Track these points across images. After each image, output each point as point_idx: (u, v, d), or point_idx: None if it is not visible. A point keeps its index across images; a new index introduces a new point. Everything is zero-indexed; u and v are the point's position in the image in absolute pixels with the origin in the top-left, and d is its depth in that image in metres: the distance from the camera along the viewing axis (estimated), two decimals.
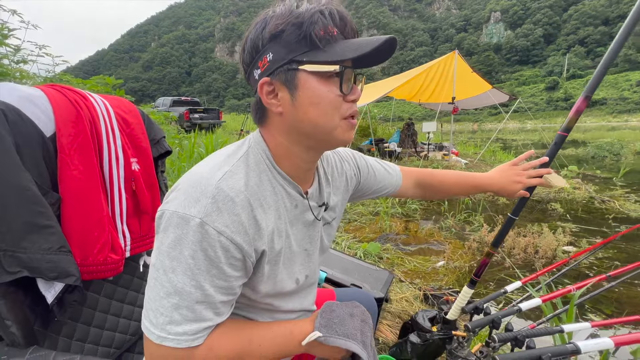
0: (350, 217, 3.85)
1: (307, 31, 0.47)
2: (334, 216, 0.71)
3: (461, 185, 0.93)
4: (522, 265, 2.62)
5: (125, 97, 3.85)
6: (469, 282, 1.06)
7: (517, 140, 13.97)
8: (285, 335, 0.54)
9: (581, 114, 0.83)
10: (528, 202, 0.94)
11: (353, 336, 0.53)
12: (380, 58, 0.53)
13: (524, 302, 1.11)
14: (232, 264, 0.48)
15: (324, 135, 0.53)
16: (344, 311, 0.57)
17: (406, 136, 8.06)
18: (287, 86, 0.50)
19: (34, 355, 0.53)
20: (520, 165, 0.89)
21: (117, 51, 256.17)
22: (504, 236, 0.98)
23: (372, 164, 0.83)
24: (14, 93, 0.61)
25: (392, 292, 2.05)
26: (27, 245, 0.57)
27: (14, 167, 0.57)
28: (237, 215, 0.48)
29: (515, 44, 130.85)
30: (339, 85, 0.50)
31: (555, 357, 0.83)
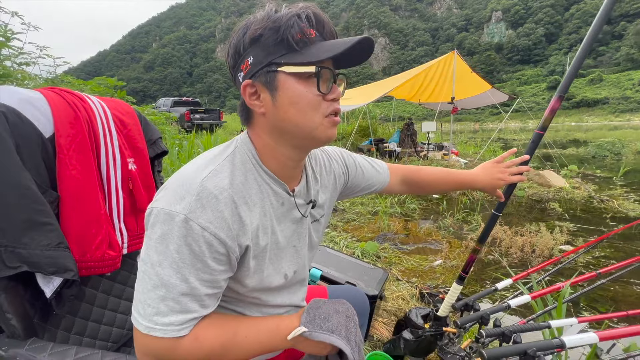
0: (349, 217, 3.87)
1: (284, 35, 0.49)
2: (322, 213, 0.73)
3: (445, 181, 0.96)
4: (519, 265, 2.63)
5: (127, 98, 3.90)
6: (458, 279, 1.08)
7: (518, 139, 13.96)
8: (272, 329, 0.56)
9: (555, 112, 0.88)
10: (527, 202, 0.99)
11: (337, 332, 0.55)
12: (359, 58, 0.55)
13: (514, 299, 1.13)
14: (216, 259, 0.50)
15: (306, 133, 0.55)
16: (329, 308, 0.59)
17: (406, 136, 8.07)
18: (268, 87, 0.53)
19: (32, 347, 0.56)
20: (503, 163, 0.93)
21: (119, 52, 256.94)
22: (489, 232, 1.01)
23: (360, 162, 0.85)
24: (14, 96, 0.63)
25: (388, 291, 2.07)
26: (27, 242, 0.59)
27: (14, 166, 0.59)
28: (220, 212, 0.50)
29: (517, 43, 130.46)
30: (316, 85, 0.52)
31: (541, 351, 0.85)
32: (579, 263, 2.60)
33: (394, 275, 2.37)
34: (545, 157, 8.50)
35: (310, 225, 0.69)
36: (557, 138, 18.83)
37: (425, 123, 7.54)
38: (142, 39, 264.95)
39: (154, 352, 0.49)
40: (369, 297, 1.36)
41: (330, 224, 3.52)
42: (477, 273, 2.52)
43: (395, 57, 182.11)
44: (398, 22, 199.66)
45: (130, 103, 4.11)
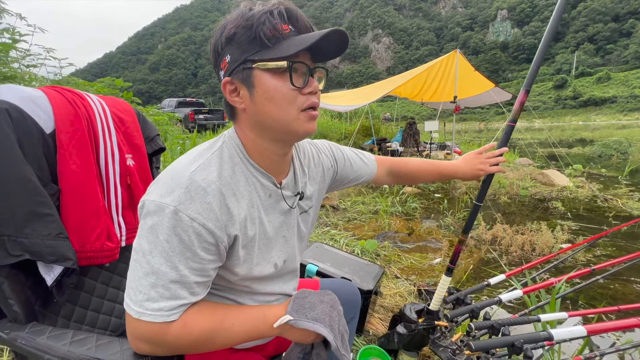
0: (350, 216, 3.89)
1: (256, 32, 0.51)
2: (310, 205, 0.75)
3: (429, 172, 1.01)
4: (519, 263, 2.63)
5: (133, 99, 3.94)
6: (446, 270, 1.10)
7: (523, 139, 13.84)
8: (259, 317, 0.58)
9: (524, 105, 0.95)
10: (530, 201, 1.02)
11: (321, 320, 0.57)
12: (335, 51, 0.57)
13: (506, 293, 1.14)
14: (205, 248, 0.53)
15: (283, 127, 0.56)
16: (315, 298, 0.62)
17: (408, 135, 8.05)
18: (245, 84, 0.55)
19: (32, 330, 0.59)
20: (484, 154, 0.98)
21: (125, 53, 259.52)
22: (472, 223, 1.05)
23: (349, 155, 0.88)
24: (16, 94, 0.67)
25: (386, 288, 2.08)
26: (28, 232, 0.63)
27: (17, 160, 0.63)
28: (208, 203, 0.52)
29: (523, 42, 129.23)
30: (289, 80, 0.54)
31: (528, 343, 0.86)
32: (579, 261, 2.58)
33: (392, 273, 2.38)
34: (550, 156, 8.43)
35: (298, 217, 0.72)
36: (563, 137, 18.62)
37: (428, 122, 7.50)
38: (148, 41, 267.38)
39: (145, 336, 0.51)
40: (364, 292, 1.38)
41: (330, 223, 3.54)
42: (475, 271, 2.52)
43: (399, 56, 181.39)
44: (402, 22, 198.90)
45: (135, 104, 4.17)
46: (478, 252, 2.85)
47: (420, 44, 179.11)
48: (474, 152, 1.00)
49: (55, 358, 0.53)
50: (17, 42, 2.72)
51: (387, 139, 8.86)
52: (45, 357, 0.54)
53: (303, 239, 0.76)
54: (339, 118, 12.41)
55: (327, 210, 3.98)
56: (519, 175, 5.70)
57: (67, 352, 0.54)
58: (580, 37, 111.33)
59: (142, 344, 0.52)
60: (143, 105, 4.76)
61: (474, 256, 2.78)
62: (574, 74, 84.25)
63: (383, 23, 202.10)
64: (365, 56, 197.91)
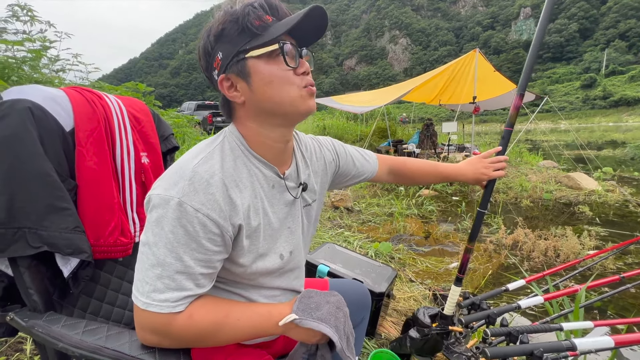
0: (364, 218, 3.85)
1: (243, 23, 0.53)
2: (314, 197, 0.75)
3: (431, 174, 1.00)
4: (541, 269, 2.51)
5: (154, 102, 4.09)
6: (455, 280, 1.06)
7: (548, 141, 13.26)
8: (264, 314, 0.58)
9: (519, 108, 0.94)
10: (555, 205, 0.98)
11: (327, 320, 0.56)
12: (316, 32, 0.59)
13: (525, 300, 1.09)
14: (210, 239, 0.53)
15: (286, 108, 0.58)
16: (321, 298, 0.61)
17: (425, 137, 7.89)
18: (242, 76, 0.56)
19: (49, 319, 0.61)
20: (488, 159, 0.96)
21: (148, 59, 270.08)
22: (478, 230, 1.01)
23: (351, 151, 0.89)
24: (39, 93, 0.70)
25: (400, 291, 2.04)
26: (47, 225, 0.65)
27: (38, 156, 0.66)
28: (212, 194, 0.53)
29: (548, 40, 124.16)
30: (284, 62, 0.56)
31: (549, 352, 0.82)
32: (608, 269, 2.44)
33: (407, 276, 2.33)
34: (577, 159, 8.03)
35: (302, 209, 0.72)
36: (592, 139, 17.69)
37: (446, 123, 7.33)
38: (169, 46, 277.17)
39: (151, 326, 0.52)
40: (376, 295, 1.36)
41: (344, 224, 3.51)
42: (494, 277, 2.43)
43: (417, 57, 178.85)
44: (420, 22, 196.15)
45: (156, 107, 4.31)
46: (497, 257, 2.75)
47: (438, 44, 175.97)
48: (479, 155, 0.98)
49: (68, 346, 0.55)
50: (48, 49, 2.88)
51: (403, 141, 8.74)
52: (59, 344, 0.56)
53: (307, 233, 0.77)
54: (355, 120, 12.36)
55: (341, 212, 3.96)
56: (542, 178, 5.47)
57: (79, 340, 0.56)
58: (611, 34, 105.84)
59: (149, 335, 0.53)
60: (164, 108, 4.92)
61: (492, 261, 2.68)
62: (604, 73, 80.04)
63: (400, 24, 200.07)
64: (382, 58, 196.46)
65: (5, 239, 0.62)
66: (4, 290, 0.67)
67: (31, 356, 1.02)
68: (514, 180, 5.49)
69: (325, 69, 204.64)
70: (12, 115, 0.64)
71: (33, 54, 2.77)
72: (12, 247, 0.63)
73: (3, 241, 0.62)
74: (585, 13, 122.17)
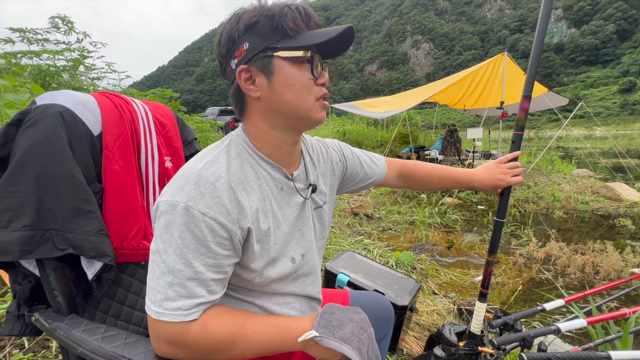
0: (384, 226, 3.76)
1: (279, 22, 0.53)
2: (324, 200, 0.74)
3: (443, 178, 0.96)
4: (578, 287, 2.32)
5: (179, 107, 4.25)
6: (480, 296, 0.98)
7: (582, 148, 12.49)
8: (282, 328, 0.55)
9: (528, 111, 0.89)
10: (591, 217, 0.90)
11: (349, 341, 0.52)
12: (342, 48, 0.60)
13: (565, 322, 0.99)
14: (219, 243, 0.52)
15: (301, 114, 0.58)
16: (343, 315, 0.57)
17: (449, 143, 7.66)
18: (264, 72, 0.56)
19: (70, 322, 0.61)
20: (505, 164, 0.91)
21: (175, 66, 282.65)
22: (498, 241, 0.94)
23: (358, 153, 0.88)
24: (70, 98, 0.72)
25: (423, 304, 1.95)
26: (73, 227, 0.66)
27: (67, 160, 0.67)
28: (218, 197, 0.52)
29: (581, 42, 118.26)
30: (309, 70, 0.57)
31: None
32: None
33: (429, 288, 2.23)
34: (616, 168, 7.49)
35: (313, 212, 0.71)
36: (632, 147, 16.49)
37: (471, 129, 7.08)
38: (196, 54, 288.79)
39: (165, 337, 0.51)
40: (398, 308, 1.30)
41: (364, 232, 3.45)
42: (525, 293, 2.27)
43: (439, 62, 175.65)
44: (443, 27, 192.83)
45: (182, 113, 4.47)
46: (528, 272, 2.58)
47: (462, 48, 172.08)
48: (495, 161, 0.93)
49: (87, 351, 0.54)
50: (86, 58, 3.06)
51: (425, 147, 8.53)
52: (78, 349, 0.56)
53: (321, 236, 0.74)
54: (375, 125, 12.24)
55: (360, 218, 3.89)
56: (577, 188, 5.13)
57: (97, 347, 0.55)
58: None
59: (164, 345, 0.51)
60: (189, 113, 5.10)
61: (523, 276, 2.52)
62: None
63: (423, 29, 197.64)
64: (403, 63, 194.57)
65: (33, 240, 0.63)
66: (31, 290, 0.69)
67: (56, 354, 1.04)
68: (544, 189, 5.19)
69: (345, 74, 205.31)
70: (44, 119, 0.66)
71: (72, 62, 2.95)
72: (40, 249, 0.64)
73: (32, 242, 0.63)
74: (623, 14, 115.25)
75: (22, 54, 2.89)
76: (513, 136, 0.93)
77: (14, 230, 0.62)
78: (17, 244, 0.61)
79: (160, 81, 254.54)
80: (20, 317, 0.70)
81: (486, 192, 0.99)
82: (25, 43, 2.96)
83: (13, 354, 1.03)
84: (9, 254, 0.61)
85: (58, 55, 2.91)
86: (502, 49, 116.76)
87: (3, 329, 0.70)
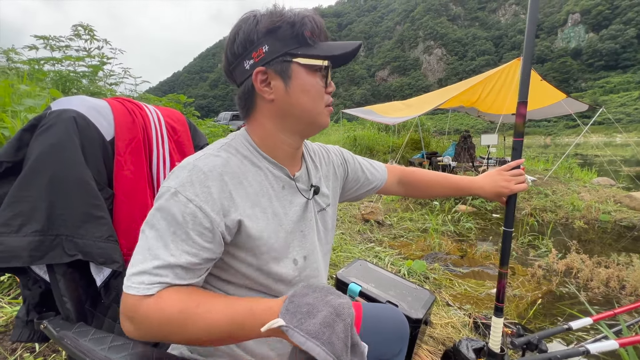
0: (396, 233, 3.69)
1: (300, 30, 0.56)
2: (327, 202, 0.75)
3: (443, 186, 0.96)
4: (602, 302, 2.21)
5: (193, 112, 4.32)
6: (495, 311, 0.94)
7: (601, 155, 12.04)
8: (243, 310, 0.47)
9: (525, 117, 0.89)
10: (614, 228, 0.87)
11: (318, 335, 0.42)
12: (348, 60, 0.63)
13: (595, 343, 0.93)
14: (199, 232, 0.52)
15: (311, 118, 0.62)
16: (318, 298, 0.46)
17: (462, 149, 7.50)
18: (281, 76, 0.58)
19: (78, 330, 0.60)
20: (508, 172, 0.91)
21: (190, 72, 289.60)
22: (508, 252, 0.92)
23: (358, 158, 0.91)
24: (84, 103, 0.72)
25: (436, 317, 1.89)
26: (83, 233, 0.65)
27: (79, 165, 0.67)
28: (207, 187, 0.53)
29: (600, 47, 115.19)
30: (321, 78, 0.61)
31: None
32: None
33: (443, 299, 2.16)
34: (638, 176, 7.18)
35: (316, 214, 0.71)
36: None
37: (485, 135, 6.92)
38: (210, 60, 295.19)
39: (124, 310, 0.49)
40: (413, 321, 1.24)
41: (375, 239, 3.39)
42: (545, 307, 2.17)
43: (452, 67, 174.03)
44: (456, 32, 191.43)
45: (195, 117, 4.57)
46: (547, 284, 2.47)
47: (476, 54, 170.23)
48: (498, 169, 0.93)
49: None
50: (105, 65, 3.15)
51: (437, 153, 8.40)
52: (85, 359, 0.54)
53: (325, 241, 0.74)
54: (386, 131, 12.16)
55: (371, 225, 3.83)
56: (598, 197, 4.93)
57: (104, 357, 0.53)
58: None
59: (125, 321, 0.50)
60: (202, 118, 5.18)
61: (542, 288, 2.41)
62: None
63: (435, 34, 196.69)
64: (415, 68, 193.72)
65: (43, 245, 0.63)
66: (41, 296, 0.68)
67: (66, 358, 1.04)
68: (563, 198, 5.01)
69: (356, 80, 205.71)
70: (58, 124, 0.66)
71: (91, 68, 3.04)
72: (50, 254, 0.64)
73: (42, 248, 0.63)
74: None
75: (45, 61, 3.00)
76: (513, 143, 0.93)
77: (25, 235, 0.62)
78: (26, 249, 0.61)
79: (175, 86, 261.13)
80: (29, 322, 0.69)
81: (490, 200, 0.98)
82: (48, 50, 3.08)
83: (24, 357, 1.03)
84: (19, 259, 0.60)
85: (78, 62, 3.01)
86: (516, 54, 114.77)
87: (12, 334, 0.70)
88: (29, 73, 2.94)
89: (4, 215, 0.61)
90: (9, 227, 0.61)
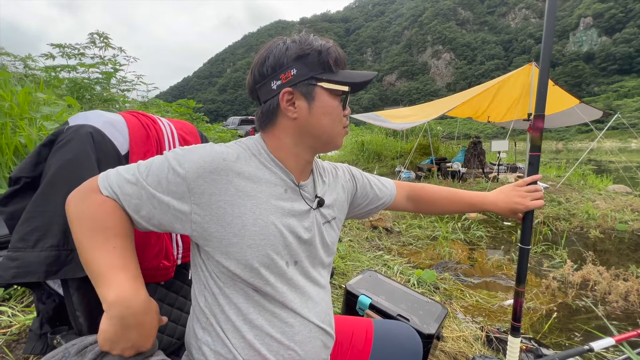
0: (405, 240, 3.65)
1: (325, 58, 0.63)
2: (333, 215, 0.76)
3: (454, 202, 0.95)
4: (622, 317, 2.13)
5: (202, 117, 4.36)
6: (511, 330, 0.91)
7: (616, 162, 11.73)
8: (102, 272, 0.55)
9: (542, 131, 0.88)
10: (632, 238, 0.84)
11: None
12: (364, 87, 0.69)
13: None
14: (170, 180, 0.57)
15: (329, 138, 0.67)
16: None
17: (472, 155, 7.41)
18: (306, 97, 0.64)
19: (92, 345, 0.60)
20: (523, 187, 0.89)
21: (199, 77, 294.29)
22: (525, 270, 0.90)
23: (366, 175, 0.92)
24: (100, 118, 0.73)
25: (447, 329, 1.84)
26: None
27: None
28: (204, 162, 0.58)
29: (613, 51, 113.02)
30: (340, 102, 0.66)
31: None
32: None
33: (454, 310, 2.11)
34: None
35: (321, 226, 0.72)
36: None
37: (496, 141, 6.82)
38: (219, 66, 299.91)
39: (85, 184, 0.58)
40: (425, 336, 1.21)
41: (383, 246, 3.35)
42: (561, 321, 2.10)
43: (461, 72, 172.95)
44: (465, 36, 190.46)
45: (204, 122, 4.62)
46: (563, 297, 2.40)
47: (485, 58, 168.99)
48: (512, 184, 0.91)
49: None
50: (118, 72, 3.22)
51: (447, 159, 8.31)
52: None
53: (327, 251, 0.74)
54: (394, 136, 12.10)
55: (379, 232, 3.79)
56: (614, 206, 4.79)
57: None
58: None
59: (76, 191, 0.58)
60: (210, 123, 5.25)
61: (557, 301, 2.34)
62: None
63: (444, 39, 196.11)
64: (423, 73, 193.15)
65: (59, 260, 0.63)
66: (54, 310, 0.69)
67: None
68: (577, 206, 4.89)
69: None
70: (75, 139, 0.67)
71: (105, 75, 3.11)
72: (65, 269, 0.64)
73: (57, 263, 0.63)
74: None
75: (60, 68, 3.08)
76: (529, 158, 0.90)
77: (41, 250, 0.62)
78: (43, 264, 0.61)
79: (184, 91, 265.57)
80: (42, 336, 0.69)
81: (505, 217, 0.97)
82: (64, 58, 3.16)
83: None
84: (34, 275, 0.61)
85: (92, 69, 3.08)
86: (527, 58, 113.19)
87: (25, 347, 0.71)
88: (45, 80, 3.02)
89: (21, 230, 0.62)
90: (26, 242, 0.61)
